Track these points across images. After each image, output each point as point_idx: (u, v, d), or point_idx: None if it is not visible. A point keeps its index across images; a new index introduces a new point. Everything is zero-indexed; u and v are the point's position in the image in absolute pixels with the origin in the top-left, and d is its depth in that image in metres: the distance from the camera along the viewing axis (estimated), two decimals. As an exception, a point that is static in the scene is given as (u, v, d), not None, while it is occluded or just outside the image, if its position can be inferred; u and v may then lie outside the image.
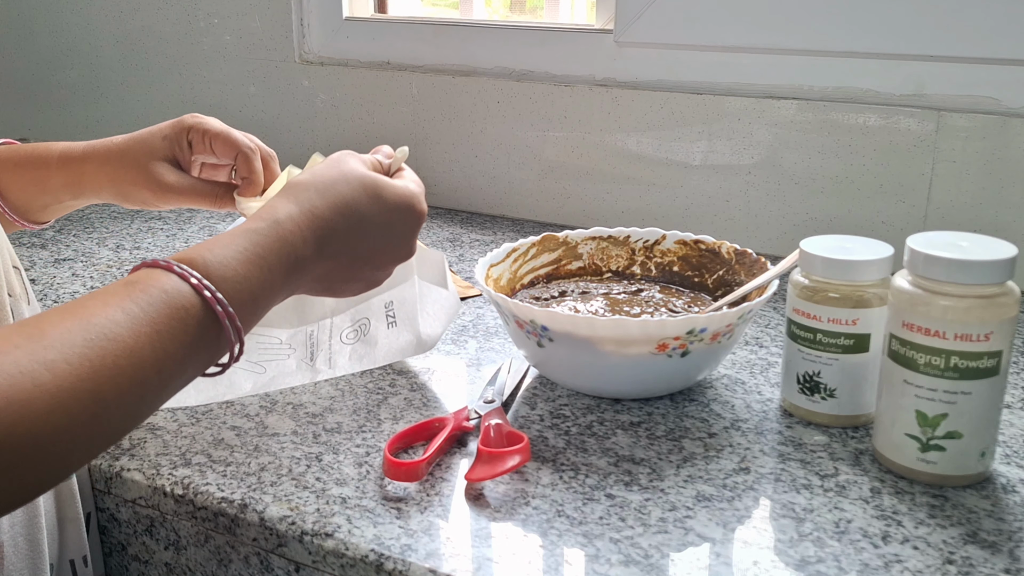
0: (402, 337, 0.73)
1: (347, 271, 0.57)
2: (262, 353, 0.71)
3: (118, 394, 0.41)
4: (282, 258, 0.51)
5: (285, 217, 0.52)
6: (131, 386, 0.42)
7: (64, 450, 0.39)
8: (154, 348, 0.43)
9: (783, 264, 0.68)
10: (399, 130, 1.20)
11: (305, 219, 0.53)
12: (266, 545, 0.56)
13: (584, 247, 0.82)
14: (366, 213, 0.56)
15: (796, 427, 0.65)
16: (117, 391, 0.41)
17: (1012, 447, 0.63)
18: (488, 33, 1.14)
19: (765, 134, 0.99)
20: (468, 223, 1.14)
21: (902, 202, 0.94)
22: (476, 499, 0.58)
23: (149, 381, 0.43)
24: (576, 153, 1.10)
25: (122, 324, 0.42)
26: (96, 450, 0.42)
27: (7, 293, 0.58)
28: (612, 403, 0.69)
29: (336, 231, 0.54)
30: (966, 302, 0.55)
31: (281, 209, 0.52)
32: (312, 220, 0.53)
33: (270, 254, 0.50)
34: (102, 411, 0.41)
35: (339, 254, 0.55)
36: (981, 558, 0.52)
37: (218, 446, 0.64)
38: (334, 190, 0.55)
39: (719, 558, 0.52)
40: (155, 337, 0.43)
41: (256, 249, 0.49)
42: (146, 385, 0.43)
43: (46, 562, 0.57)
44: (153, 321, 0.43)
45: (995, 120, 0.89)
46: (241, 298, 0.48)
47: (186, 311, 0.45)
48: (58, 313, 0.42)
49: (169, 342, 0.44)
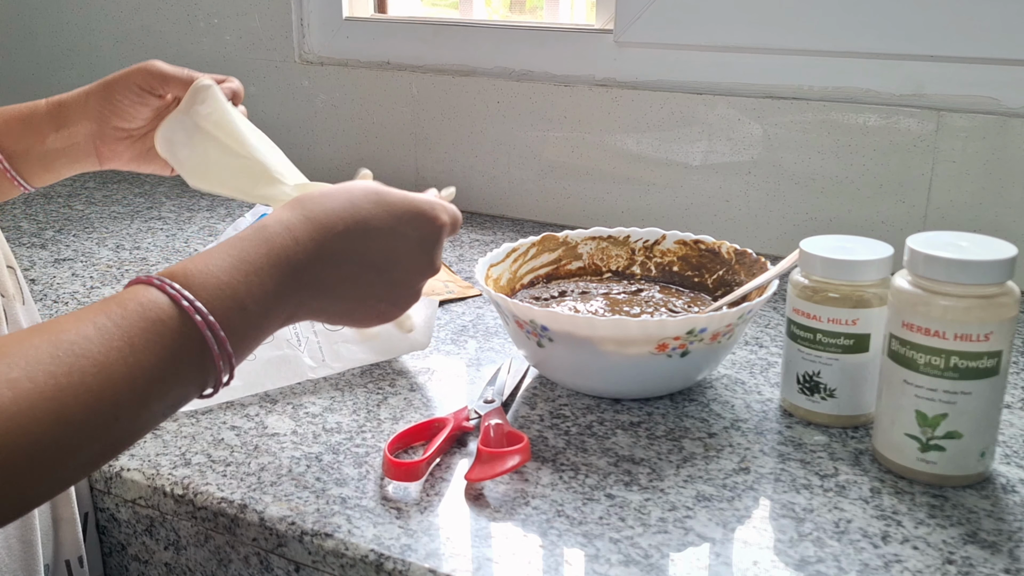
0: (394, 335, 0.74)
1: (360, 282, 0.53)
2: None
3: (87, 414, 0.39)
4: (271, 260, 0.48)
5: (274, 222, 0.50)
6: (100, 405, 0.39)
7: (28, 474, 0.37)
8: (127, 363, 0.40)
9: (783, 264, 0.68)
10: (399, 130, 1.20)
11: (297, 221, 0.50)
12: (266, 545, 0.56)
13: (584, 247, 0.82)
14: (368, 215, 0.53)
15: (796, 427, 0.65)
16: (85, 410, 0.39)
17: (1012, 447, 0.63)
18: (488, 33, 1.14)
19: (765, 134, 0.99)
20: (468, 223, 1.14)
21: (902, 202, 0.94)
22: (476, 499, 0.58)
23: (122, 399, 0.40)
24: (576, 153, 1.10)
25: (93, 339, 0.40)
26: (68, 475, 0.39)
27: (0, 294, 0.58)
28: (612, 403, 0.69)
29: (334, 230, 0.51)
30: (966, 302, 0.55)
31: (272, 216, 0.50)
32: (305, 222, 0.50)
33: (257, 258, 0.47)
34: (68, 433, 0.38)
35: (343, 259, 0.51)
36: (981, 558, 0.52)
37: (218, 446, 0.64)
38: (333, 195, 0.53)
39: (719, 558, 0.52)
40: (128, 352, 0.40)
41: (241, 255, 0.47)
42: (119, 404, 0.40)
43: (40, 563, 0.57)
44: (126, 335, 0.41)
45: (995, 120, 0.89)
46: (225, 306, 0.45)
47: (163, 323, 0.42)
48: (29, 331, 0.40)
49: (145, 356, 0.41)
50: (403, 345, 0.75)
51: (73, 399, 0.38)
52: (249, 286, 0.46)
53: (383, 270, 0.54)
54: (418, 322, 0.74)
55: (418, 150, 1.20)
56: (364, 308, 0.54)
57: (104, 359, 0.40)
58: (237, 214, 1.14)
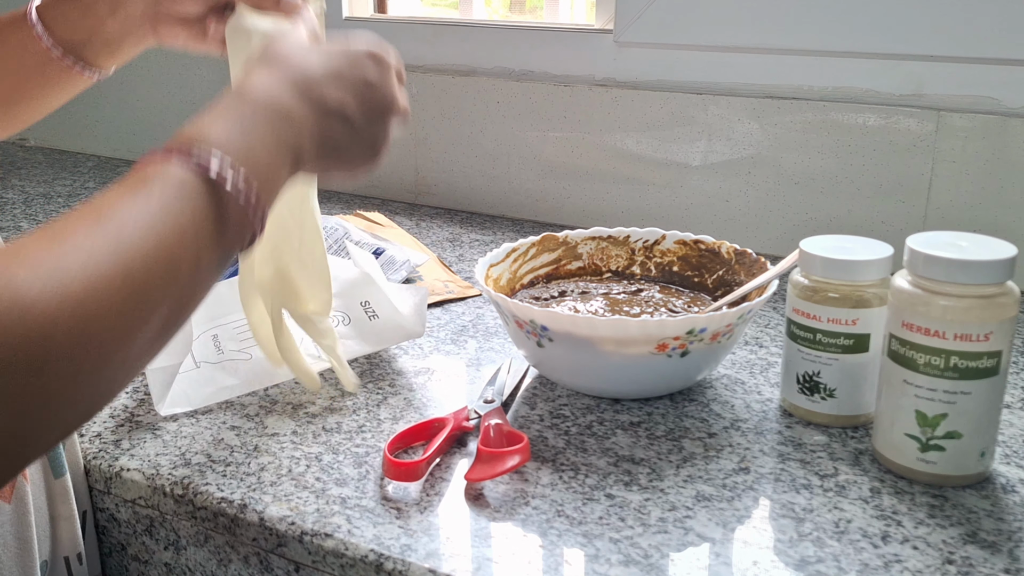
0: (387, 326, 0.74)
1: (347, 118, 0.54)
2: (244, 341, 0.72)
3: (148, 275, 0.40)
4: (230, 95, 0.49)
5: (263, 95, 0.51)
6: (159, 264, 0.41)
7: (108, 352, 0.38)
8: (177, 225, 0.42)
9: (783, 264, 0.68)
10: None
11: (289, 97, 0.52)
12: (266, 545, 0.56)
13: (584, 247, 0.82)
14: (296, 42, 0.56)
15: (796, 427, 0.65)
16: (146, 271, 0.40)
17: (1012, 447, 0.63)
18: (488, 33, 1.14)
19: (765, 134, 0.99)
20: (468, 223, 1.14)
21: (902, 202, 0.94)
22: (476, 499, 0.58)
23: (175, 255, 0.42)
24: (576, 153, 1.10)
25: (137, 212, 0.41)
26: (146, 346, 0.41)
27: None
28: (612, 403, 0.69)
29: (270, 56, 0.53)
30: (966, 302, 0.55)
31: (260, 88, 0.52)
32: (291, 86, 0.52)
33: (258, 125, 0.49)
34: (136, 296, 0.39)
35: (287, 66, 0.53)
36: (981, 558, 0.52)
37: (218, 446, 0.64)
38: (299, 51, 0.55)
39: (719, 558, 0.52)
40: (171, 215, 0.42)
41: (242, 121, 0.48)
42: (175, 259, 0.42)
43: (36, 560, 0.57)
44: (163, 207, 0.42)
45: (995, 120, 0.89)
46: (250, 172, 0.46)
47: (193, 199, 0.43)
48: (73, 217, 0.41)
49: (184, 219, 0.42)
50: (398, 334, 0.75)
51: (139, 260, 0.39)
52: (260, 148, 0.48)
53: (338, 77, 0.55)
54: (406, 311, 0.74)
55: (417, 150, 1.20)
56: (354, 148, 0.56)
57: (152, 223, 0.41)
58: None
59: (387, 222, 1.07)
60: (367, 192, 1.26)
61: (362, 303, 0.76)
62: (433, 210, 1.19)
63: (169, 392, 0.68)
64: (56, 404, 0.37)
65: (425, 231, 1.10)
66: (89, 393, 0.39)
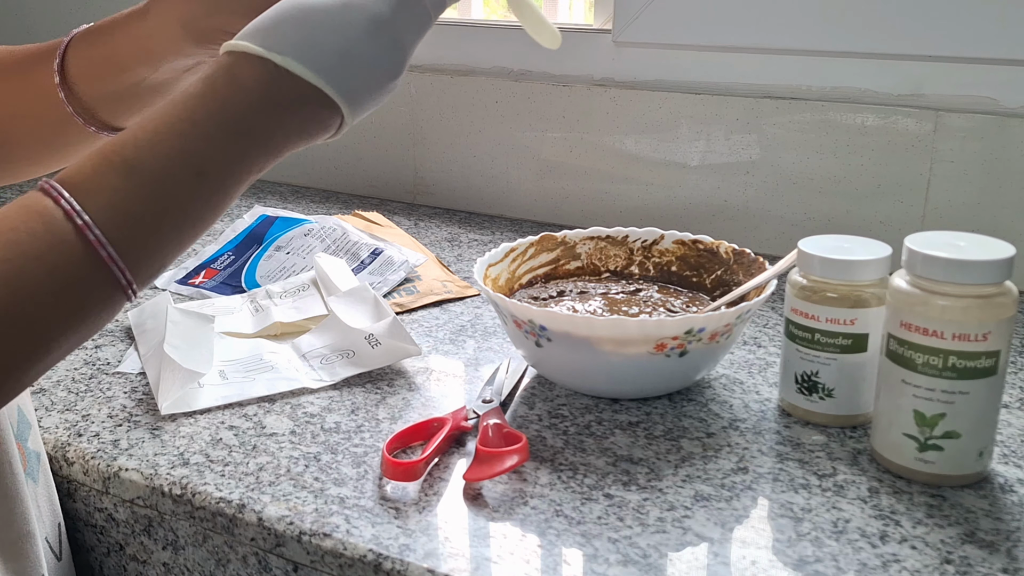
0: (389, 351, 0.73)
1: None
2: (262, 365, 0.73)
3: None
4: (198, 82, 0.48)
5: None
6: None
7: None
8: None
9: (781, 264, 0.68)
10: (397, 130, 1.20)
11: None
12: (264, 545, 0.56)
13: (582, 247, 0.82)
14: None
15: (794, 427, 0.65)
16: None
17: (1010, 447, 0.63)
18: (486, 33, 1.14)
19: (763, 134, 0.99)
20: (466, 223, 1.14)
21: (900, 202, 0.94)
22: (474, 499, 0.58)
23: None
24: (574, 153, 1.10)
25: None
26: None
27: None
28: (610, 403, 0.69)
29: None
30: (964, 302, 0.55)
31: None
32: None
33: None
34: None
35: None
36: (979, 558, 0.52)
37: (216, 446, 0.64)
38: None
39: (717, 558, 0.52)
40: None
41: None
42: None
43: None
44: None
45: (993, 120, 0.89)
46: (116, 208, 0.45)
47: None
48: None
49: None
50: (398, 353, 0.74)
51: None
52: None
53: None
54: (379, 331, 0.73)
55: (416, 150, 1.20)
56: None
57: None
58: (236, 214, 1.14)
59: (385, 222, 1.07)
60: (365, 192, 1.26)
61: (367, 336, 0.74)
62: (431, 210, 1.19)
63: (180, 394, 0.69)
64: None
65: (423, 231, 1.10)
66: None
